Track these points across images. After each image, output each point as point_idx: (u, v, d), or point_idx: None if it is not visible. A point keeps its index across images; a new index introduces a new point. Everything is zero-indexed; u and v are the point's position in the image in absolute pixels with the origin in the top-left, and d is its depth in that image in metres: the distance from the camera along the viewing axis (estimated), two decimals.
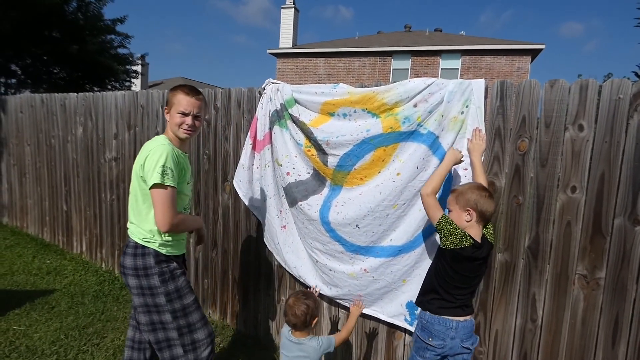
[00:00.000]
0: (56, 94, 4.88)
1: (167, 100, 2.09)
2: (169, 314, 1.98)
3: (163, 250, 2.01)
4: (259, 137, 2.91)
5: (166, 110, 2.09)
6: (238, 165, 3.00)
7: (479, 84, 2.12)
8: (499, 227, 2.16)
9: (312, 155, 2.55)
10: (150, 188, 1.87)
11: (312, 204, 2.59)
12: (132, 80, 15.99)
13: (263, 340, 3.16)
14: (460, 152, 2.11)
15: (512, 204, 2.11)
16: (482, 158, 2.11)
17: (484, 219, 1.91)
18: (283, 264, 2.90)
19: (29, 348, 2.93)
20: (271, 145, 2.83)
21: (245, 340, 3.16)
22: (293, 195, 2.69)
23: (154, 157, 1.88)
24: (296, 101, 2.64)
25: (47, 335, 3.10)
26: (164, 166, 1.86)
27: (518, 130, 2.06)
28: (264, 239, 2.98)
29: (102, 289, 3.94)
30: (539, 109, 2.02)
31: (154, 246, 1.98)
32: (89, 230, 4.63)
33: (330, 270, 2.58)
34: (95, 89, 14.22)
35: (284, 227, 2.86)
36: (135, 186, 1.99)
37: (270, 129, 2.82)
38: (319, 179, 2.58)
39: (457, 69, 19.40)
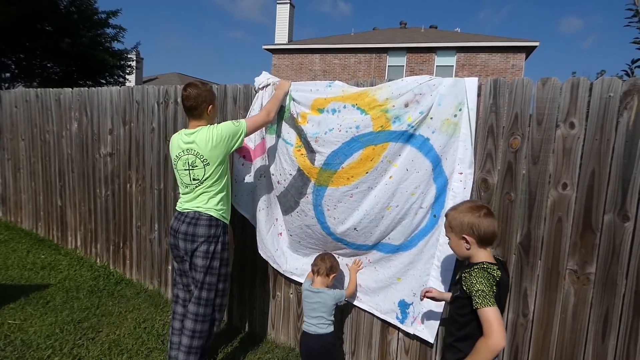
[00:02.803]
0: (51, 89, 4.85)
1: (209, 98, 2.44)
2: (215, 276, 2.45)
3: (227, 221, 2.53)
4: (251, 146, 2.89)
5: (210, 107, 2.46)
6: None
7: (471, 83, 2.13)
8: None
9: (302, 154, 2.52)
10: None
11: (306, 210, 2.59)
12: (127, 75, 15.89)
13: (259, 336, 3.19)
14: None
15: (504, 201, 2.14)
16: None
17: (487, 242, 1.69)
18: (282, 271, 2.91)
19: (24, 342, 2.93)
20: (266, 156, 2.81)
21: (241, 336, 3.19)
22: (287, 203, 2.69)
23: (224, 124, 2.41)
24: (292, 98, 2.64)
25: (42, 330, 3.10)
26: (232, 120, 2.48)
27: (510, 127, 2.09)
28: (259, 250, 2.96)
29: (97, 284, 3.94)
30: (531, 107, 2.05)
31: (224, 219, 2.49)
32: (84, 225, 4.62)
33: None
34: (89, 84, 14.12)
35: (281, 234, 2.89)
36: (209, 169, 2.38)
37: (263, 137, 2.81)
38: (302, 179, 2.55)
39: (452, 66, 19.45)
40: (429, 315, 2.35)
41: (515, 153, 2.09)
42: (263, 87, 2.79)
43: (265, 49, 22.54)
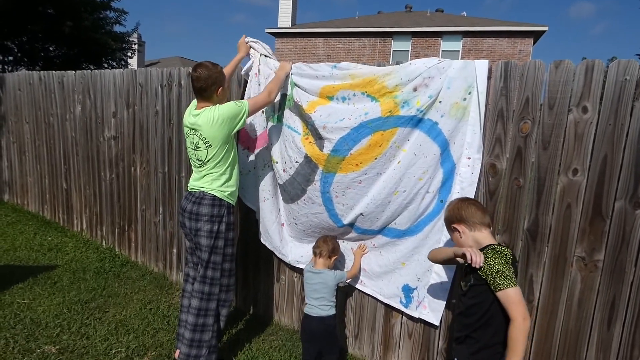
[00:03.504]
0: (54, 72, 4.82)
1: (219, 79, 2.38)
2: (220, 256, 2.46)
3: (232, 202, 2.51)
4: (252, 135, 2.87)
5: (221, 88, 2.41)
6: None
7: (482, 65, 2.09)
8: (498, 209, 2.17)
9: (310, 142, 2.49)
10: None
11: (313, 197, 2.56)
12: (128, 59, 15.78)
13: (263, 318, 3.21)
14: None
15: (512, 186, 2.12)
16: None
17: (477, 221, 1.77)
18: (288, 261, 2.91)
19: (33, 320, 2.97)
20: (269, 144, 2.77)
21: (246, 318, 3.21)
22: (292, 191, 2.65)
23: (226, 105, 2.36)
24: (295, 84, 2.59)
25: (51, 309, 3.14)
26: (235, 102, 2.43)
27: (521, 112, 2.05)
28: (262, 240, 2.97)
29: (103, 266, 3.97)
30: (542, 91, 2.01)
31: (228, 200, 2.47)
32: (89, 208, 4.64)
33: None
34: (92, 67, 14.06)
35: (283, 224, 2.87)
36: (212, 151, 2.37)
37: (265, 127, 2.78)
38: (309, 166, 2.52)
39: (458, 50, 19.18)
40: (434, 299, 2.36)
41: (525, 138, 2.06)
42: (256, 65, 2.77)
43: (268, 33, 22.28)
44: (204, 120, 2.31)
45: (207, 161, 2.40)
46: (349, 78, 2.38)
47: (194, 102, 2.48)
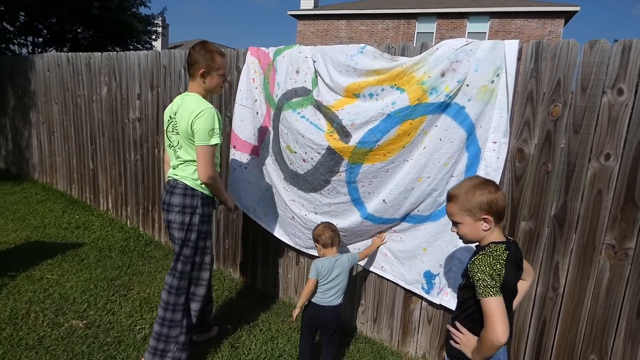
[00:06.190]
0: (81, 53, 4.90)
1: (200, 63, 2.20)
2: (191, 249, 2.29)
3: (207, 192, 2.30)
4: (251, 140, 3.00)
5: (202, 72, 2.22)
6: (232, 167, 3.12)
7: (512, 46, 2.00)
8: (525, 195, 2.11)
9: (335, 139, 2.42)
10: (198, 145, 2.14)
11: (338, 187, 2.51)
12: (153, 42, 15.94)
13: (282, 299, 3.26)
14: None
15: (540, 171, 2.05)
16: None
17: (502, 217, 1.58)
18: (305, 249, 2.95)
19: (62, 295, 3.09)
20: (275, 131, 2.74)
21: (265, 299, 3.26)
22: (314, 181, 2.60)
23: (208, 120, 2.12)
24: (318, 75, 2.52)
25: (78, 285, 3.26)
26: (213, 129, 2.15)
27: (552, 94, 1.97)
28: (275, 233, 3.07)
29: (127, 245, 4.08)
30: (575, 72, 1.92)
31: (202, 190, 2.28)
32: (115, 188, 4.75)
33: (357, 241, 2.69)
34: (117, 49, 14.26)
35: (293, 217, 2.83)
36: (183, 139, 2.21)
37: (279, 111, 2.72)
38: (334, 158, 2.44)
39: (485, 32, 18.58)
40: (455, 286, 2.33)
41: (555, 121, 1.98)
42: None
43: (290, 15, 22.08)
44: (183, 114, 2.17)
45: (179, 146, 2.24)
46: (374, 74, 2.29)
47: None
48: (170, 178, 2.31)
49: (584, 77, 1.89)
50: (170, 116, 2.28)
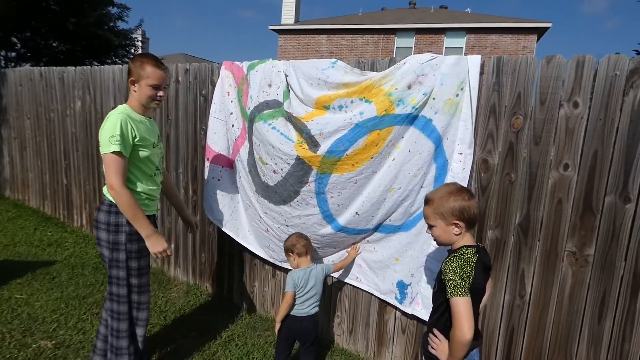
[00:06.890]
0: (54, 67, 4.85)
1: (132, 71, 2.09)
2: (124, 270, 2.13)
3: None
4: (224, 152, 3.01)
5: (131, 79, 2.10)
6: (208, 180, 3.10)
7: (475, 61, 2.08)
8: (490, 205, 2.17)
9: (304, 149, 2.44)
10: (103, 153, 1.99)
11: (307, 199, 2.52)
12: (131, 56, 15.85)
13: (259, 312, 3.23)
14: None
15: (504, 181, 2.12)
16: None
17: (474, 224, 1.68)
18: (279, 263, 2.94)
19: (31, 315, 3.00)
20: (250, 144, 2.76)
21: (241, 313, 3.24)
22: (284, 193, 2.60)
23: (109, 126, 1.98)
24: (290, 88, 2.56)
25: (48, 304, 3.17)
26: (114, 135, 1.96)
27: (513, 107, 2.05)
28: (250, 247, 3.06)
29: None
30: (534, 86, 2.00)
31: None
32: (89, 204, 4.67)
33: (331, 253, 2.70)
34: (95, 63, 14.11)
35: (267, 230, 2.82)
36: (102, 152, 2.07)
37: (252, 123, 2.72)
38: (303, 167, 2.45)
39: (462, 47, 19.09)
40: (426, 296, 2.36)
41: (517, 133, 2.06)
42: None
43: (272, 30, 22.25)
44: (104, 123, 2.05)
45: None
46: (344, 87, 2.35)
47: None
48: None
49: (542, 90, 1.97)
50: None
